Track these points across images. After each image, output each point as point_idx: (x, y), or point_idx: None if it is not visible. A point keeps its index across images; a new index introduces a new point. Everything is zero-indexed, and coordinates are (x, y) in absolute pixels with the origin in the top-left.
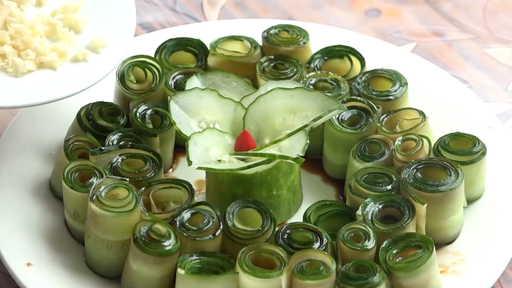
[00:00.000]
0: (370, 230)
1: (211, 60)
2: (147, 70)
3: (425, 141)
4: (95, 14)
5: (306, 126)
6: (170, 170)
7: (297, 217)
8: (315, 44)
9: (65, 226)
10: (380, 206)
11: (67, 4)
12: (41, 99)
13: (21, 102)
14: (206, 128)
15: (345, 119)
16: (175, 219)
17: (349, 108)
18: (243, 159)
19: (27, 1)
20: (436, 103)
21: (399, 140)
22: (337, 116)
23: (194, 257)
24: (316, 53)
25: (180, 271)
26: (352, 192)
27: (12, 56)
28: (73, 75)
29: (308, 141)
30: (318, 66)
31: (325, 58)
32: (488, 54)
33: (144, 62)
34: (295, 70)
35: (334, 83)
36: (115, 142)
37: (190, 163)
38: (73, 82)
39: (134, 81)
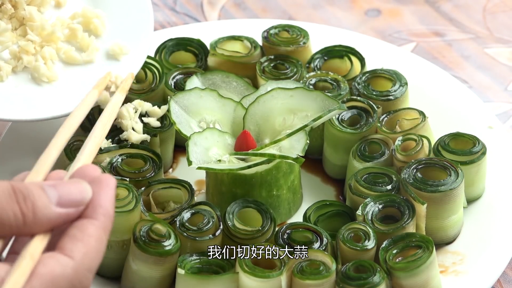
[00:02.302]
0: (370, 230)
1: (211, 60)
2: (147, 70)
3: (425, 141)
4: (112, 18)
5: (306, 126)
6: (170, 170)
7: (297, 217)
8: (315, 44)
9: None
10: (380, 206)
11: (87, 9)
12: (70, 109)
13: (54, 113)
14: (206, 128)
15: (345, 119)
16: (175, 219)
17: (349, 108)
18: (243, 159)
19: (47, 3)
20: (436, 103)
21: (399, 140)
22: (337, 116)
23: (194, 257)
24: (316, 53)
25: (180, 271)
26: (352, 192)
27: (38, 67)
28: None
29: (308, 141)
30: (318, 66)
31: (325, 58)
32: (488, 54)
33: (144, 62)
34: (295, 70)
35: (334, 83)
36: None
37: (190, 163)
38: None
39: (134, 81)
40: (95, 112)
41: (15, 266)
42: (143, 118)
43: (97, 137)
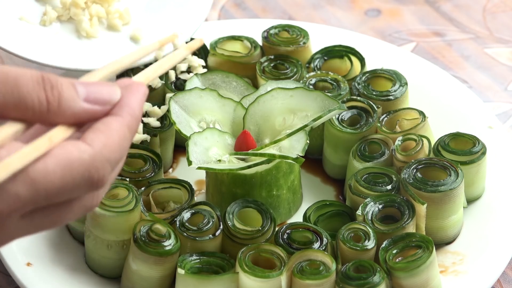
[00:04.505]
0: (370, 230)
1: (211, 60)
2: None
3: (425, 141)
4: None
5: (306, 126)
6: (170, 170)
7: (297, 217)
8: (315, 44)
9: (65, 226)
10: (380, 206)
11: None
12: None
13: (83, 65)
14: (206, 128)
15: (345, 119)
16: (175, 219)
17: (349, 108)
18: (243, 159)
19: None
20: (436, 103)
21: (399, 140)
22: (337, 116)
23: (194, 257)
24: (316, 53)
25: (180, 271)
26: (352, 192)
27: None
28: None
29: (308, 141)
30: (318, 66)
31: (325, 58)
32: (488, 54)
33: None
34: (295, 70)
35: (334, 83)
36: None
37: (190, 163)
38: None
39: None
40: None
41: (31, 143)
42: (143, 118)
43: (153, 69)
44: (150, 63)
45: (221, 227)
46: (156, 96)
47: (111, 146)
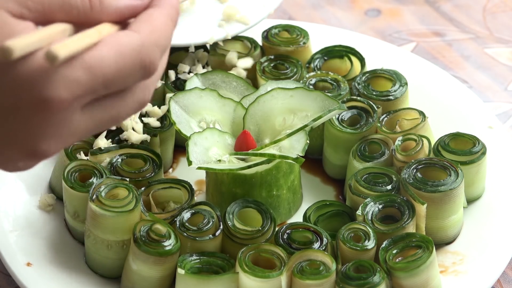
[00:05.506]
0: (370, 230)
1: (211, 60)
2: None
3: (425, 141)
4: None
5: (306, 126)
6: (170, 170)
7: (297, 217)
8: (315, 44)
9: (65, 226)
10: (380, 206)
11: None
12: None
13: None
14: (206, 128)
15: (345, 119)
16: (175, 219)
17: (349, 108)
18: (243, 159)
19: None
20: (436, 103)
21: (399, 140)
22: (337, 116)
23: (194, 257)
24: (316, 53)
25: (180, 271)
26: (352, 192)
27: None
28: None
29: (308, 141)
30: (318, 66)
31: (325, 58)
32: (488, 54)
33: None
34: (295, 70)
35: (334, 83)
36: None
37: (190, 163)
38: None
39: None
40: None
41: (81, 33)
42: (143, 118)
43: None
44: (203, 45)
45: (221, 227)
46: (156, 96)
47: (157, 32)
